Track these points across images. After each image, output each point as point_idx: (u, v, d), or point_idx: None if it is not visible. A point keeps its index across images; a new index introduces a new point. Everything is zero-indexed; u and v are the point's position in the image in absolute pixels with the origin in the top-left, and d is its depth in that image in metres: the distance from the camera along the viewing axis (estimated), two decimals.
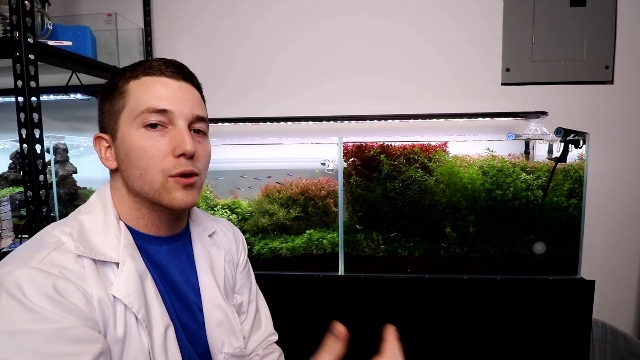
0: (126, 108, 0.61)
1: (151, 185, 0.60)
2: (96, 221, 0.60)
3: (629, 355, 1.43)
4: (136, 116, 0.59)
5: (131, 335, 0.56)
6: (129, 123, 0.60)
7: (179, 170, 0.60)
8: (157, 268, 0.65)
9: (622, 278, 1.70)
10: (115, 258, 0.57)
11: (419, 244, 1.48)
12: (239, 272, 0.81)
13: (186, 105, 0.62)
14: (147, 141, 0.59)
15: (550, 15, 1.62)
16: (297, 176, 1.64)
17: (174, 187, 0.60)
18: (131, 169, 0.60)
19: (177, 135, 0.60)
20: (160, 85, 0.61)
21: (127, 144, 0.60)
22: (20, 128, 1.06)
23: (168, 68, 0.62)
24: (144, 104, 0.59)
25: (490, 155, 1.50)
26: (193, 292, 0.69)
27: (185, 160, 0.60)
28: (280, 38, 1.76)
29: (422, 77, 1.71)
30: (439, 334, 1.36)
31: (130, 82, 0.61)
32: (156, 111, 0.59)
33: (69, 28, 1.39)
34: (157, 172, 0.59)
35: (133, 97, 0.60)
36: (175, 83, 0.62)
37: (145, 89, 0.60)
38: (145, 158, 0.59)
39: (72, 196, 1.60)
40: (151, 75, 0.61)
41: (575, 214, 1.40)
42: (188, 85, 0.64)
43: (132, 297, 0.56)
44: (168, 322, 0.61)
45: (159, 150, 0.59)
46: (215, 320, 0.69)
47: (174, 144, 0.60)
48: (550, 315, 1.33)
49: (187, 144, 0.59)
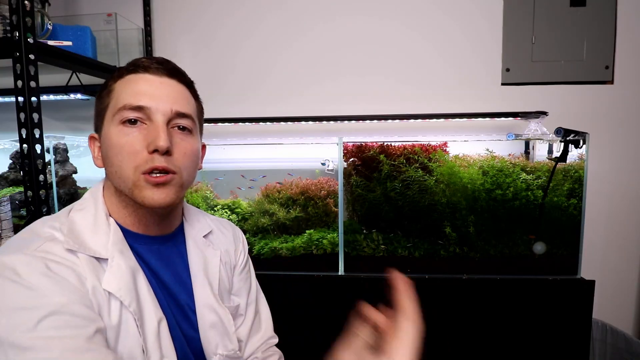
0: (109, 106, 0.61)
1: (125, 182, 0.59)
2: (87, 218, 0.60)
3: (629, 355, 1.43)
4: (115, 113, 0.59)
5: (127, 325, 0.56)
6: (110, 120, 0.60)
7: (150, 166, 0.58)
8: (148, 268, 0.64)
9: (622, 278, 1.70)
10: (104, 254, 0.57)
11: (419, 244, 1.48)
12: (238, 274, 0.80)
13: (165, 101, 0.60)
14: (123, 138, 0.59)
15: (550, 15, 1.62)
16: (297, 176, 1.64)
17: (144, 185, 0.59)
18: (110, 166, 0.60)
19: (152, 131, 0.59)
20: (140, 81, 0.61)
21: (106, 141, 0.60)
22: (20, 128, 1.06)
23: (152, 64, 0.62)
24: (122, 100, 0.59)
25: (490, 155, 1.50)
26: (186, 293, 0.68)
27: (159, 156, 0.59)
28: (281, 38, 1.76)
29: (422, 77, 1.71)
30: (439, 334, 1.35)
31: (117, 81, 0.62)
32: (133, 107, 0.59)
33: (69, 28, 1.39)
34: (130, 168, 0.58)
35: (115, 95, 0.61)
36: (157, 79, 0.61)
37: (126, 87, 0.60)
38: (120, 154, 0.58)
39: (72, 196, 1.60)
40: (135, 73, 0.61)
41: (575, 214, 1.40)
42: (172, 81, 0.63)
43: (123, 290, 0.56)
44: (161, 316, 0.60)
45: (133, 146, 0.58)
46: (208, 322, 0.68)
47: (149, 139, 0.59)
48: (550, 315, 1.33)
49: (161, 139, 0.58)
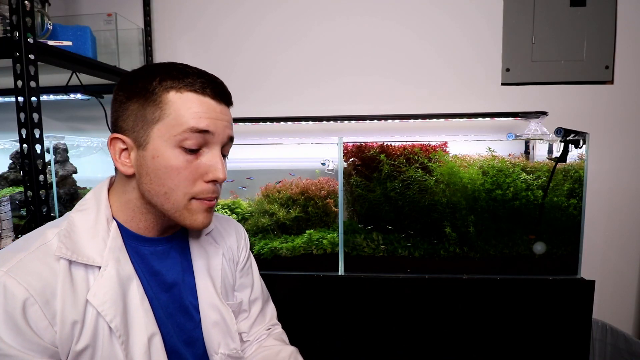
0: (163, 121, 0.57)
1: (175, 205, 0.59)
2: (88, 220, 0.60)
3: (629, 355, 1.43)
4: (176, 134, 0.57)
5: (103, 343, 0.55)
6: (165, 138, 0.57)
7: (207, 196, 0.60)
8: (151, 269, 0.64)
9: (622, 278, 1.70)
10: (98, 262, 0.57)
11: (419, 244, 1.48)
12: (240, 270, 0.80)
13: (223, 128, 0.61)
14: (183, 164, 0.58)
15: (550, 15, 1.62)
16: (297, 176, 1.64)
17: (197, 209, 0.60)
18: (157, 185, 0.59)
19: (211, 160, 0.60)
20: (204, 105, 0.58)
21: (159, 161, 0.58)
22: (20, 128, 1.06)
23: (213, 88, 0.60)
24: (186, 123, 0.57)
25: (490, 155, 1.50)
26: (189, 292, 0.68)
27: (214, 186, 0.61)
28: (281, 38, 1.76)
29: (422, 77, 1.71)
30: (439, 334, 1.36)
31: (171, 92, 0.57)
32: (197, 131, 0.57)
33: (69, 28, 1.39)
34: (183, 194, 0.59)
35: (173, 111, 0.57)
36: (217, 106, 0.60)
37: (189, 107, 0.57)
38: (176, 179, 0.58)
39: (72, 196, 1.60)
40: (195, 93, 0.58)
41: (575, 214, 1.40)
42: (226, 108, 0.63)
43: (107, 304, 0.55)
44: (153, 332, 0.59)
45: (192, 174, 0.59)
46: (212, 320, 0.68)
47: (207, 169, 0.59)
48: (550, 315, 1.33)
49: (221, 172, 0.60)
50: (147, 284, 0.63)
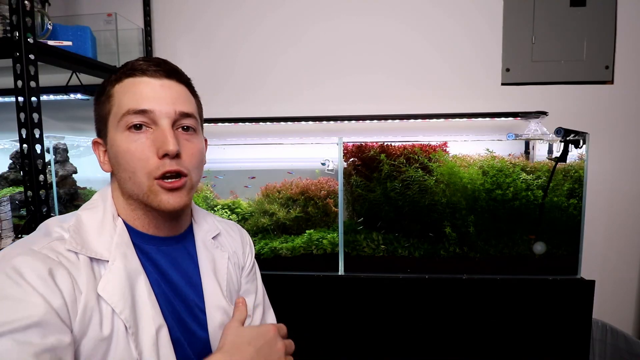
0: (112, 112, 0.61)
1: (140, 188, 0.60)
2: (95, 218, 0.61)
3: (629, 355, 1.43)
4: (119, 119, 0.60)
5: (118, 336, 0.55)
6: (114, 126, 0.61)
7: (162, 171, 0.59)
8: (157, 268, 0.64)
9: (622, 278, 1.70)
10: (106, 256, 0.58)
11: (419, 244, 1.48)
12: (245, 275, 0.80)
13: (168, 103, 0.61)
14: (132, 144, 0.59)
15: (550, 15, 1.62)
16: (297, 176, 1.64)
17: (159, 191, 0.60)
18: (121, 172, 0.61)
19: (159, 136, 0.59)
20: (141, 85, 0.61)
21: (114, 148, 0.61)
22: (20, 128, 1.06)
23: (150, 67, 0.62)
24: (125, 106, 0.59)
25: (490, 155, 1.50)
26: (195, 294, 0.68)
27: (170, 160, 0.60)
28: (281, 38, 1.76)
29: (422, 77, 1.71)
30: (439, 334, 1.36)
31: (115, 85, 0.62)
32: (137, 112, 0.59)
33: (69, 28, 1.39)
34: (144, 174, 0.59)
35: (116, 100, 0.61)
36: (157, 81, 0.61)
37: (127, 91, 0.60)
38: (132, 161, 0.59)
39: (72, 196, 1.60)
40: (133, 76, 0.61)
41: (575, 214, 1.40)
42: (171, 82, 0.63)
43: (116, 297, 0.56)
44: (160, 324, 0.60)
45: (143, 152, 0.59)
46: (218, 321, 0.68)
47: (157, 144, 0.59)
48: (550, 315, 1.33)
49: (170, 143, 0.59)
50: (153, 280, 0.63)
